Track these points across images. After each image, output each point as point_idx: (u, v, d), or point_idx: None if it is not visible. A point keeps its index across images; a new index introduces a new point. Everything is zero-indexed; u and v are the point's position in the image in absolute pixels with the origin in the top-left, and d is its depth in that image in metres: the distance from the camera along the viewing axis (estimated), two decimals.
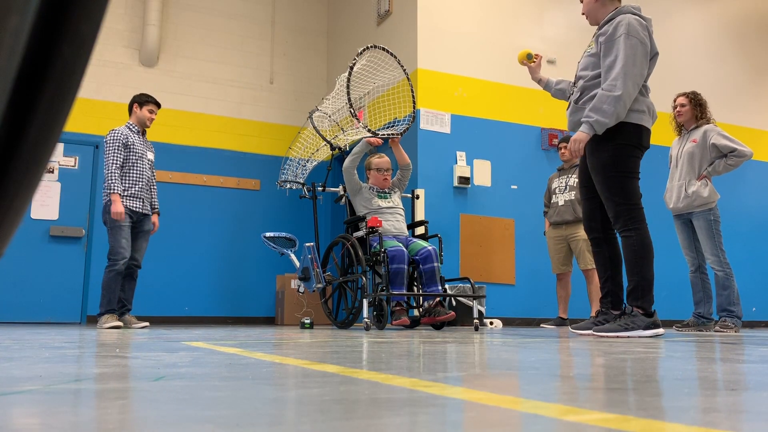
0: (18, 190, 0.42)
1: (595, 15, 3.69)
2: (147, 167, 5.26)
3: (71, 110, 0.43)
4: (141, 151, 5.18)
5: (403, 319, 4.64)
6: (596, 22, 3.71)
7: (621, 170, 3.45)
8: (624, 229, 3.45)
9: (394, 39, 6.83)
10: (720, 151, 4.94)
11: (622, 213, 3.44)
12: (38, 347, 2.08)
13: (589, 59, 3.64)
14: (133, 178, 5.15)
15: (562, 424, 0.68)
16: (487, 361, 1.60)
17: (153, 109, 5.30)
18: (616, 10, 3.60)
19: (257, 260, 7.65)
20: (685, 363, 1.58)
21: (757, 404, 0.86)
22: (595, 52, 3.60)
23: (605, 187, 3.50)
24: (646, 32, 3.50)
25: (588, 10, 3.72)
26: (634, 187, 3.48)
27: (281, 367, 1.37)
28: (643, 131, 3.48)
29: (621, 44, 3.43)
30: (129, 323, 5.02)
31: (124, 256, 5.02)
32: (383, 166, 5.18)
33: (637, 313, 3.38)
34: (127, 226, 5.06)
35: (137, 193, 5.17)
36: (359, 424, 0.66)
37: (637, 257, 3.41)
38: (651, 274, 3.41)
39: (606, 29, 3.55)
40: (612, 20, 3.55)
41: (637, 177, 3.51)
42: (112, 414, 0.73)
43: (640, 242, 3.41)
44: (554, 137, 6.85)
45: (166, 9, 7.67)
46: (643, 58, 3.45)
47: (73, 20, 0.40)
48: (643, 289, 3.39)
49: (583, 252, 5.70)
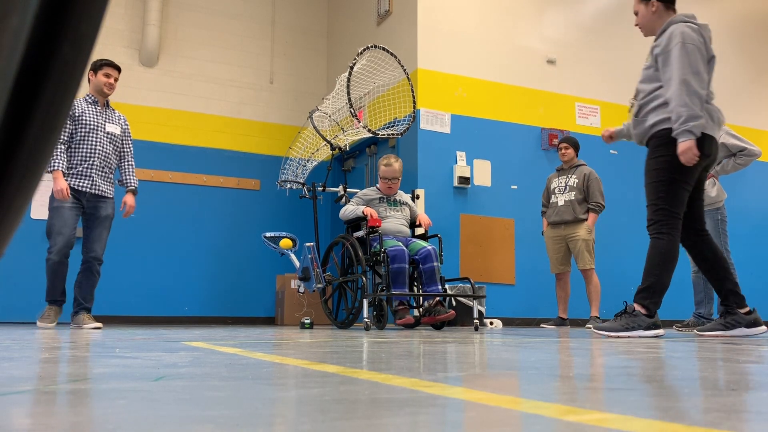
0: (18, 190, 0.42)
1: (651, 26, 3.70)
2: (105, 141, 4.58)
3: None
4: (94, 123, 4.54)
5: (407, 318, 4.63)
6: (652, 33, 3.71)
7: (673, 176, 3.44)
8: (657, 233, 3.46)
9: (394, 39, 6.83)
10: (729, 150, 4.93)
11: (662, 218, 3.45)
12: (38, 347, 2.08)
13: (646, 72, 3.64)
14: (81, 154, 4.49)
15: (562, 424, 0.68)
16: (487, 361, 1.60)
17: (109, 72, 4.62)
18: (668, 21, 3.60)
19: (257, 260, 7.64)
20: (686, 363, 1.58)
21: (758, 404, 0.86)
22: (650, 64, 3.61)
23: (653, 189, 3.50)
24: (702, 37, 3.50)
25: (644, 22, 3.72)
26: (682, 197, 3.47)
27: (281, 367, 1.37)
28: (705, 139, 3.45)
29: (677, 54, 3.43)
30: (81, 323, 4.44)
31: (56, 243, 4.36)
32: (388, 175, 5.09)
33: (639, 312, 3.38)
34: (68, 208, 4.39)
35: (85, 171, 4.49)
36: (359, 424, 0.66)
37: (661, 260, 3.43)
38: (667, 281, 3.45)
39: (660, 41, 3.56)
40: (665, 31, 3.56)
41: (688, 187, 3.49)
42: (112, 414, 0.73)
43: (669, 248, 3.43)
44: (554, 137, 6.85)
45: (166, 9, 7.67)
46: (701, 63, 3.44)
47: (73, 20, 0.40)
48: (654, 291, 3.41)
49: (582, 252, 5.70)
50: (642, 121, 3.60)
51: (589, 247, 5.72)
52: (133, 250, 7.11)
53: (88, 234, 4.59)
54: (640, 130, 3.63)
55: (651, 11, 3.67)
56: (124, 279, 7.01)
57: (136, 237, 7.13)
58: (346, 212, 5.04)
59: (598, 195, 5.79)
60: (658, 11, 3.65)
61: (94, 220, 4.58)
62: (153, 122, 7.43)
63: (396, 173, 5.12)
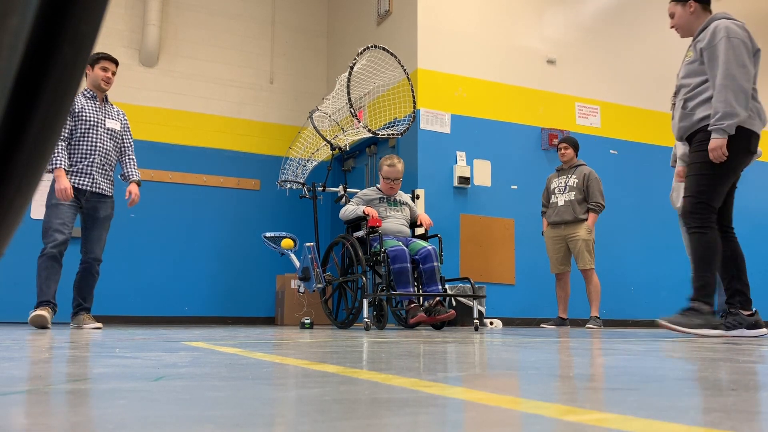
0: (18, 190, 0.42)
1: (689, 27, 3.72)
2: (105, 138, 4.48)
3: None
4: (94, 119, 4.43)
5: (420, 315, 4.55)
6: (689, 34, 3.74)
7: (716, 171, 3.47)
8: (697, 227, 3.50)
9: (394, 39, 6.83)
10: None
11: (700, 211, 3.49)
12: (38, 347, 2.08)
13: (689, 67, 3.66)
14: (82, 151, 4.37)
15: (562, 424, 0.68)
16: (487, 361, 1.60)
17: (106, 66, 4.48)
18: (710, 18, 3.63)
19: (257, 260, 7.65)
20: (685, 363, 1.58)
21: (758, 404, 0.86)
22: (694, 59, 3.63)
23: (695, 182, 3.52)
24: (746, 32, 3.53)
25: (681, 23, 3.75)
26: (721, 192, 3.52)
27: (281, 367, 1.37)
28: (751, 135, 3.48)
29: (723, 48, 3.45)
30: (81, 323, 4.39)
31: (55, 239, 4.19)
32: (391, 175, 5.08)
33: (704, 308, 3.45)
34: (67, 206, 4.26)
35: (85, 169, 4.36)
36: (359, 424, 0.66)
37: (709, 257, 3.49)
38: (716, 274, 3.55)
39: (703, 36, 3.58)
40: (708, 27, 3.58)
41: (729, 183, 3.53)
42: (112, 414, 0.73)
43: (712, 242, 3.49)
44: (554, 137, 6.85)
45: (166, 9, 7.67)
46: (746, 57, 3.47)
47: (73, 20, 0.40)
48: (710, 288, 3.50)
49: (581, 252, 5.70)
50: (690, 114, 3.62)
51: (589, 247, 5.72)
52: (133, 250, 7.11)
53: (87, 235, 4.46)
54: (687, 123, 3.63)
55: (689, 12, 3.69)
56: (124, 279, 7.01)
57: (136, 237, 7.13)
58: (346, 212, 5.04)
59: (597, 195, 5.79)
60: (696, 12, 3.68)
61: (93, 221, 4.46)
62: (153, 122, 7.43)
63: (399, 174, 5.11)
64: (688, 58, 3.69)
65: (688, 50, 3.71)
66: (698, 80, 3.59)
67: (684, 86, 3.68)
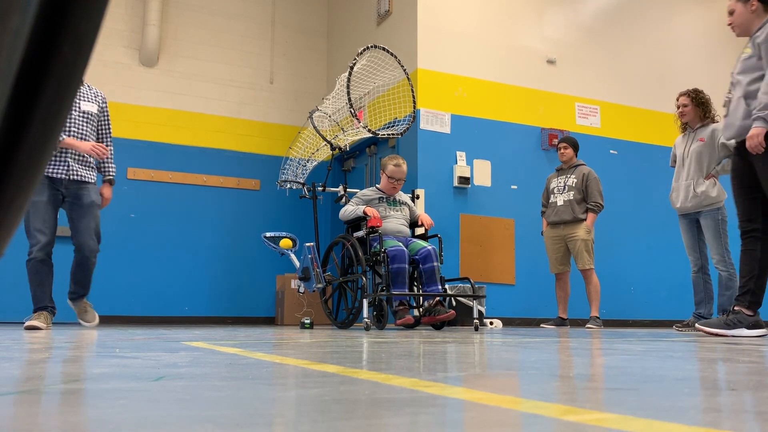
0: (18, 190, 0.42)
1: (748, 26, 3.70)
2: (80, 121, 4.14)
3: None
4: None
5: (407, 318, 4.61)
6: (746, 33, 3.72)
7: None
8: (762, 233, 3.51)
9: (394, 39, 6.83)
10: (729, 150, 4.93)
11: None
12: (38, 347, 2.08)
13: (746, 63, 3.64)
14: None
15: (562, 424, 0.68)
16: (487, 361, 1.60)
17: None
18: None
19: (257, 260, 7.65)
20: (685, 363, 1.58)
21: (758, 404, 0.86)
22: (752, 54, 3.61)
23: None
24: None
25: (740, 21, 3.72)
26: None
27: (281, 367, 1.37)
28: None
29: None
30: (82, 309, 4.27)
31: (38, 240, 3.96)
32: (396, 175, 5.08)
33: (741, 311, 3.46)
34: (44, 203, 3.99)
35: (59, 156, 4.04)
36: (359, 424, 0.66)
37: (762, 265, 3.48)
38: None
39: (761, 32, 3.57)
40: (766, 23, 3.58)
41: None
42: (112, 414, 0.73)
43: None
44: (554, 137, 6.85)
45: (166, 9, 7.67)
46: None
47: (73, 20, 0.40)
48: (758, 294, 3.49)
49: (581, 252, 5.70)
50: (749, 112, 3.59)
51: (588, 247, 5.72)
52: (133, 249, 7.11)
53: (75, 225, 4.18)
54: (749, 122, 3.58)
55: (750, 10, 3.66)
56: (124, 279, 7.01)
57: (136, 237, 7.13)
58: (346, 212, 5.04)
59: (596, 195, 5.78)
60: (757, 11, 3.66)
61: (78, 209, 4.16)
62: (153, 122, 7.43)
63: (404, 174, 5.13)
64: (744, 54, 3.67)
65: (746, 47, 3.70)
66: (755, 76, 3.55)
67: (739, 82, 3.65)
